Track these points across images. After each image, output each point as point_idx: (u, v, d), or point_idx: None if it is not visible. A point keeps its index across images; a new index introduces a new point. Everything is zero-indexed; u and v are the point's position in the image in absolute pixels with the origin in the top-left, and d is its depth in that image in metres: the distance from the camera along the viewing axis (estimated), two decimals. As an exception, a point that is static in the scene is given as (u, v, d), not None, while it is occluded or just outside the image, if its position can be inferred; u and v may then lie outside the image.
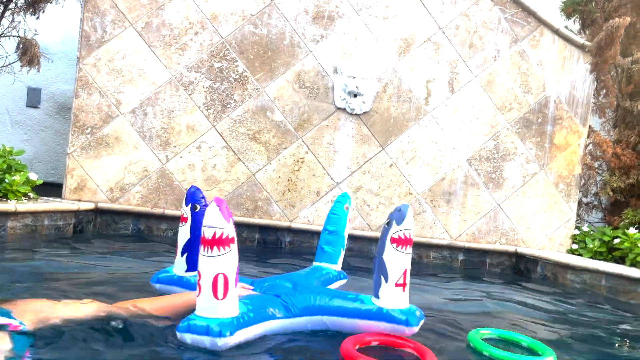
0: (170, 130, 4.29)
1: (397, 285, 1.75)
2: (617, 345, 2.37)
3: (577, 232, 4.87)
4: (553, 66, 4.74)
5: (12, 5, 4.24)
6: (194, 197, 2.05)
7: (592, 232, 4.87)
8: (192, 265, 2.06)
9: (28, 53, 4.09)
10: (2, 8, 4.18)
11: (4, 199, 3.51)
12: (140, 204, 4.28)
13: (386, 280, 1.76)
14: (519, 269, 4.64)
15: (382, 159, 4.54)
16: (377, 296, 1.81)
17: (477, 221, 4.69)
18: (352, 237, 4.05)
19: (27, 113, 5.34)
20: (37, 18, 4.28)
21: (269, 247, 4.38)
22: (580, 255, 4.63)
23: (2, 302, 1.48)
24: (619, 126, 5.15)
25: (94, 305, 1.65)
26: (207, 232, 1.50)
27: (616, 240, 4.49)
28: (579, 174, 4.86)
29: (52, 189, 4.49)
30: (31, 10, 4.13)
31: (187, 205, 2.06)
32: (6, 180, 3.53)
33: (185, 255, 2.08)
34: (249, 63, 4.36)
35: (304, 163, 4.45)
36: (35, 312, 1.49)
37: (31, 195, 3.83)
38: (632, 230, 4.44)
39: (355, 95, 4.41)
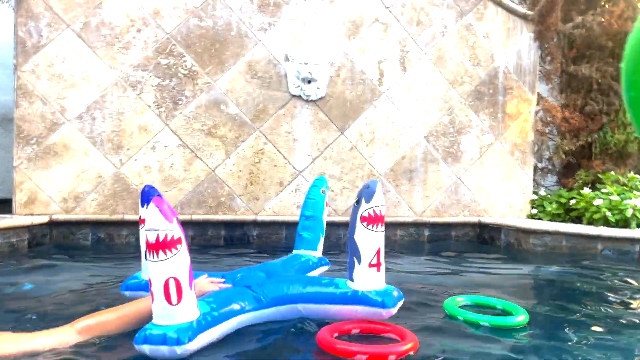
0: (122, 133, 4.14)
1: (370, 265, 1.69)
2: (582, 300, 2.46)
3: (534, 197, 5.03)
4: (499, 37, 4.84)
5: None
6: (148, 196, 1.95)
7: (549, 196, 5.04)
8: None
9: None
10: None
11: (-51, 221, 3.31)
12: (98, 211, 4.12)
13: (359, 262, 1.69)
14: (484, 238, 4.75)
15: (342, 143, 4.53)
16: (351, 279, 1.74)
17: (439, 196, 4.77)
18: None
19: (-35, 128, 5.05)
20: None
21: (236, 243, 4.31)
22: (540, 219, 4.79)
23: None
24: (565, 91, 5.31)
25: (58, 333, 1.58)
26: (150, 236, 1.41)
27: (572, 201, 4.66)
28: (532, 141, 5.01)
29: (1, 205, 4.28)
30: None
31: (142, 206, 1.96)
32: (-51, 201, 3.33)
33: None
34: (197, 57, 4.24)
35: (264, 154, 4.40)
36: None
37: (-21, 214, 3.63)
38: (586, 190, 4.62)
39: (309, 82, 4.37)
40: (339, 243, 4.28)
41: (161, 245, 1.40)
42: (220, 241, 4.29)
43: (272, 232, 4.41)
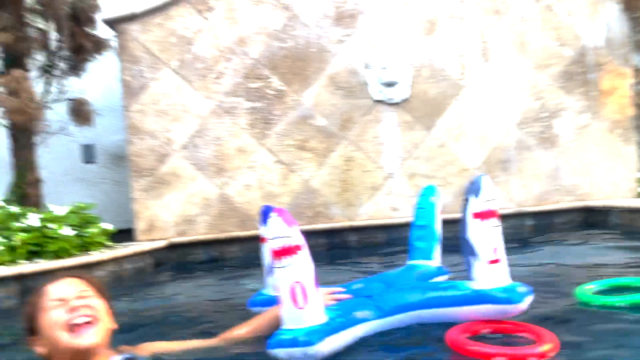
0: (222, 157, 4.43)
1: (490, 262, 1.64)
2: None
3: (643, 174, 4.73)
4: (583, 13, 4.64)
5: (57, 71, 4.51)
6: (267, 215, 1.95)
7: (659, 171, 4.72)
8: None
9: (82, 112, 4.32)
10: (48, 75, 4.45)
11: (86, 252, 3.72)
12: (208, 231, 4.43)
13: (478, 260, 1.65)
14: (591, 222, 4.53)
15: (431, 141, 4.55)
16: (472, 278, 1.70)
17: (538, 183, 4.63)
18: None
19: (85, 169, 5.61)
20: (80, 77, 4.52)
21: (337, 250, 4.42)
22: (652, 196, 4.50)
23: (128, 347, 1.62)
24: (663, 59, 4.98)
25: (204, 342, 1.76)
26: (273, 244, 1.51)
27: (688, 174, 4.34)
28: (633, 116, 4.73)
29: (121, 235, 4.69)
30: (74, 71, 4.37)
31: (262, 224, 2.01)
32: (85, 234, 3.74)
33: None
34: (282, 77, 4.46)
35: (354, 161, 4.51)
36: (154, 354, 1.62)
37: (108, 243, 4.02)
38: (702, 161, 4.29)
39: (390, 85, 4.44)
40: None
41: (284, 252, 1.50)
42: (321, 249, 4.42)
43: (369, 237, 4.50)
